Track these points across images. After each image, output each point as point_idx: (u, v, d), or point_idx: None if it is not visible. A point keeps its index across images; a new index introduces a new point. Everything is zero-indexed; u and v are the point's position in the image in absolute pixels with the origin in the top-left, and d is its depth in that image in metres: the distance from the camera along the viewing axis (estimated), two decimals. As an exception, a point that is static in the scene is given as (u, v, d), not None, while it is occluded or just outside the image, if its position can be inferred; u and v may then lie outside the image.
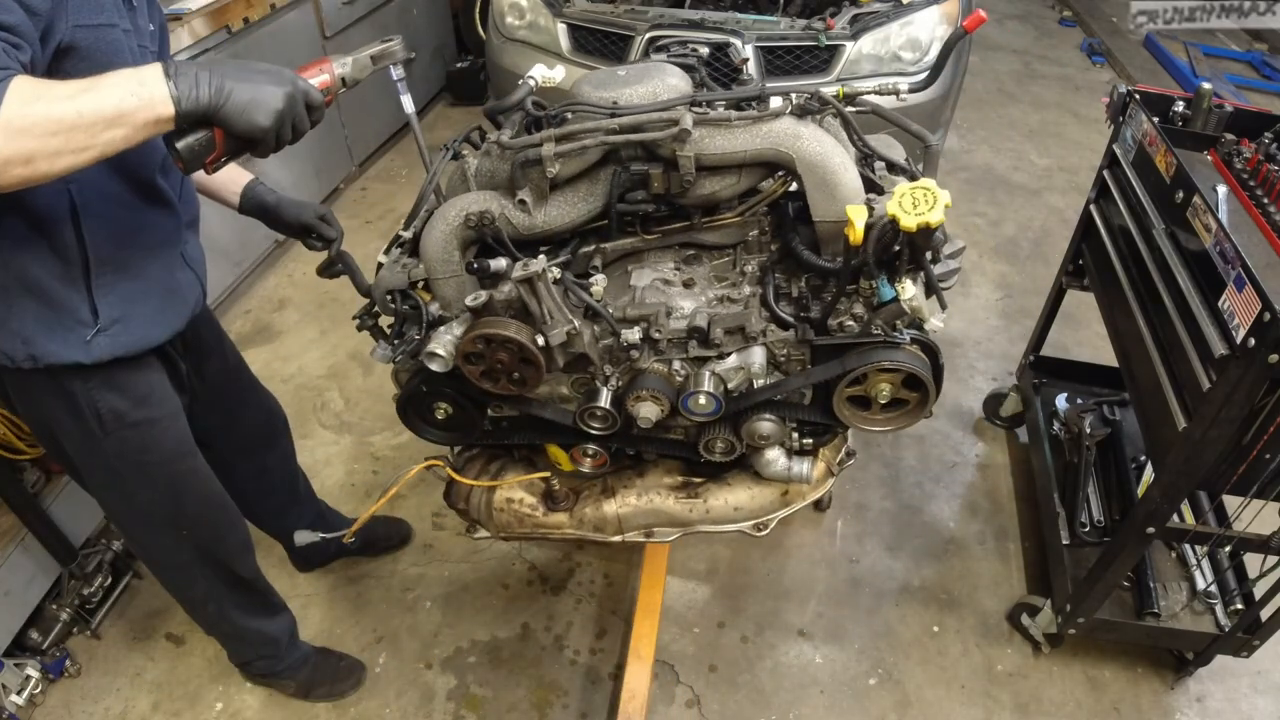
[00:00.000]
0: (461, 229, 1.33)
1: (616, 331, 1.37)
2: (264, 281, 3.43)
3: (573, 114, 1.34)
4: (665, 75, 1.36)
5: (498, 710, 1.99)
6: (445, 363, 1.36)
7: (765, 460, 1.58)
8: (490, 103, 1.51)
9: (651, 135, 1.25)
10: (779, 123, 1.29)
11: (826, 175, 1.29)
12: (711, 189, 1.34)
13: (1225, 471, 1.53)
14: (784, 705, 2.01)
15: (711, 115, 1.28)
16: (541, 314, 1.30)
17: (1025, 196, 4.06)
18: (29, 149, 0.89)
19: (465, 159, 1.43)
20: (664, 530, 1.70)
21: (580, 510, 1.70)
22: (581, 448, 1.65)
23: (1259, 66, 5.55)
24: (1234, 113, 1.89)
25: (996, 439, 2.74)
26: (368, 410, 2.81)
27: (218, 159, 1.07)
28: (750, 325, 1.38)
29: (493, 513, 1.72)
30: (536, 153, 1.26)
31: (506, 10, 3.33)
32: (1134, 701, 2.03)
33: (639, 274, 1.46)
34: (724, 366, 1.42)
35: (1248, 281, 1.35)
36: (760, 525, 1.69)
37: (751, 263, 1.46)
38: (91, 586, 2.09)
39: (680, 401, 1.41)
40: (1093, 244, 2.16)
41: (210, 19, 2.85)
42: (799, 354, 1.43)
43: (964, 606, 2.23)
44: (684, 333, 1.39)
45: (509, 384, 1.39)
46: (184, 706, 2.00)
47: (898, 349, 1.34)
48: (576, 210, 1.36)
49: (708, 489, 1.67)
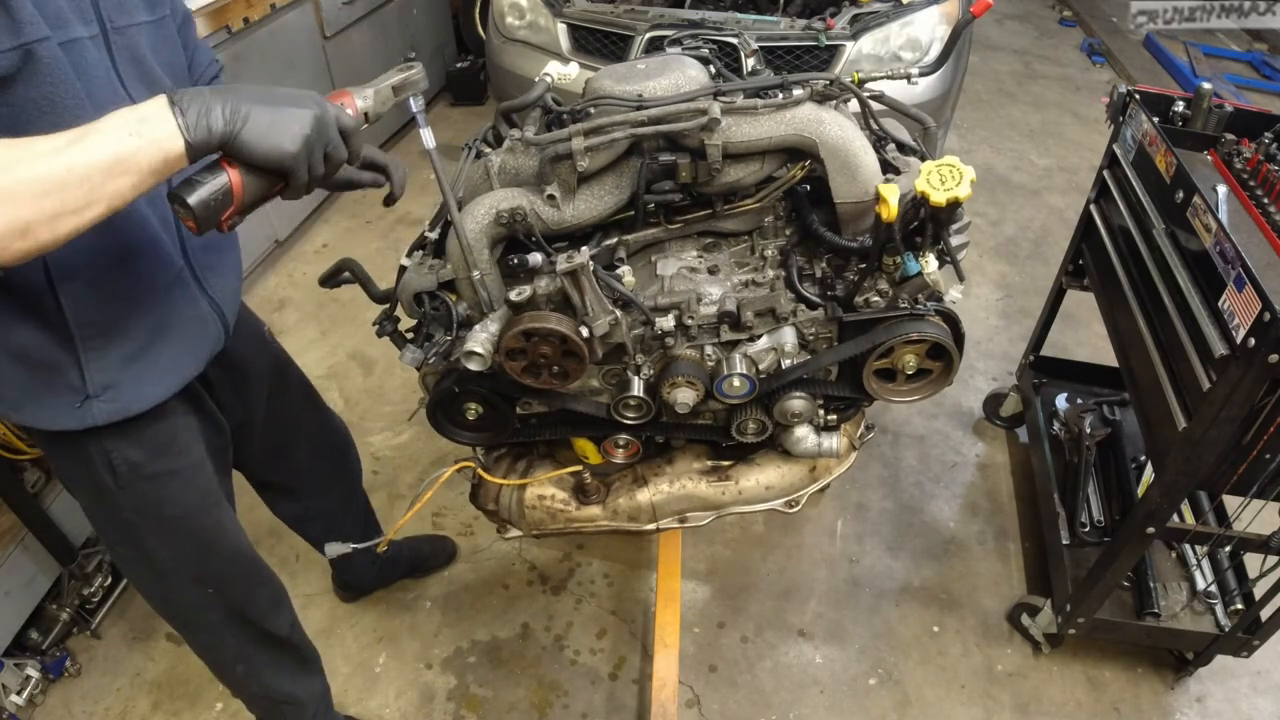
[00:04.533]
0: (492, 226, 1.32)
1: (650, 320, 1.39)
2: (264, 281, 3.43)
3: (596, 108, 1.33)
4: (685, 67, 1.38)
5: (498, 710, 1.99)
6: (485, 361, 1.34)
7: (795, 438, 1.61)
8: (506, 101, 1.51)
9: (681, 125, 1.26)
10: (802, 109, 1.32)
11: (849, 158, 1.32)
12: (736, 176, 1.36)
13: (1225, 471, 1.53)
14: (784, 705, 2.01)
15: (738, 103, 1.30)
16: (584, 306, 1.31)
17: (1025, 196, 4.06)
18: (21, 218, 0.78)
19: (488, 156, 1.42)
20: (697, 515, 1.73)
21: (614, 502, 1.70)
22: (613, 439, 1.66)
23: (1259, 66, 5.55)
24: (1234, 113, 1.89)
25: (996, 439, 2.74)
26: (368, 410, 2.81)
27: (235, 212, 0.91)
28: (780, 306, 1.42)
29: (524, 511, 1.72)
30: (566, 147, 1.26)
31: (506, 10, 3.33)
32: (1134, 701, 2.03)
33: (664, 263, 1.48)
34: (755, 349, 1.45)
35: (1248, 281, 1.35)
36: (792, 502, 1.73)
37: (770, 247, 1.49)
38: (91, 586, 2.10)
39: (715, 385, 1.44)
40: (1093, 244, 2.16)
41: (210, 19, 2.85)
42: (826, 332, 1.48)
43: (964, 606, 2.23)
44: (715, 318, 1.42)
45: (550, 378, 1.40)
46: (184, 706, 2.00)
47: (923, 320, 1.39)
48: (604, 203, 1.37)
49: (738, 470, 1.70)
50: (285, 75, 3.38)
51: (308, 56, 3.54)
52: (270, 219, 3.42)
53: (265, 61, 3.22)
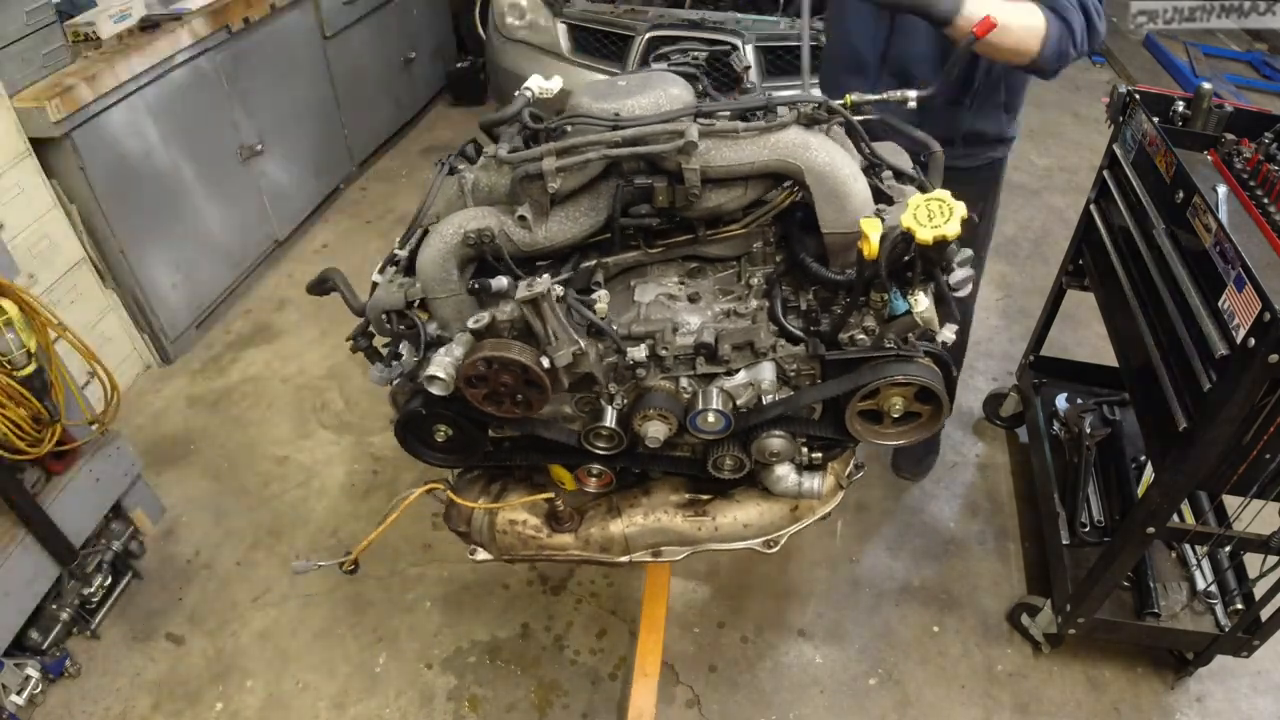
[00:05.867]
0: (460, 247, 1.29)
1: (622, 350, 1.34)
2: (264, 281, 3.43)
3: (572, 126, 1.31)
4: (667, 85, 1.34)
5: (498, 710, 1.99)
6: (446, 385, 1.31)
7: (775, 477, 1.54)
8: (485, 115, 1.48)
9: (656, 148, 1.22)
10: (787, 133, 1.27)
11: (836, 186, 1.26)
12: (717, 201, 1.32)
13: (1225, 471, 1.53)
14: (784, 705, 2.01)
15: (717, 126, 1.25)
16: (546, 335, 1.27)
17: (1025, 196, 4.06)
18: None
19: (462, 174, 1.39)
20: (672, 549, 1.66)
21: (586, 531, 1.65)
22: (586, 468, 1.61)
23: (1259, 66, 5.55)
24: (1234, 113, 1.89)
25: (996, 439, 2.74)
26: (368, 410, 2.81)
27: None
28: (759, 340, 1.35)
29: (495, 535, 1.67)
30: (537, 167, 1.23)
31: (506, 10, 3.33)
32: (1134, 701, 2.03)
33: (642, 289, 1.43)
34: (732, 383, 1.38)
35: (1248, 281, 1.35)
36: (770, 542, 1.65)
37: (757, 275, 1.43)
38: (91, 586, 2.10)
39: (689, 419, 1.38)
40: (1093, 244, 2.16)
41: (210, 19, 2.85)
42: (809, 369, 1.40)
43: (964, 606, 2.23)
44: (691, 349, 1.36)
45: (513, 407, 1.35)
46: (184, 706, 2.00)
47: (911, 362, 1.30)
48: (578, 225, 1.33)
49: (716, 506, 1.63)
50: (285, 75, 3.38)
51: (308, 56, 3.55)
52: (270, 219, 3.42)
53: (265, 61, 3.23)
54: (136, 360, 2.91)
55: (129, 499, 2.27)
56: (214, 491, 2.53)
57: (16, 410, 1.77)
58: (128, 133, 2.62)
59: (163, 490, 2.48)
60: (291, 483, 2.55)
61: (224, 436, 2.71)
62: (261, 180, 3.31)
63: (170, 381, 2.92)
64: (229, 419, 2.78)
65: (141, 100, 2.64)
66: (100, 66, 2.46)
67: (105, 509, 2.16)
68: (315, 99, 3.65)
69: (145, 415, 2.78)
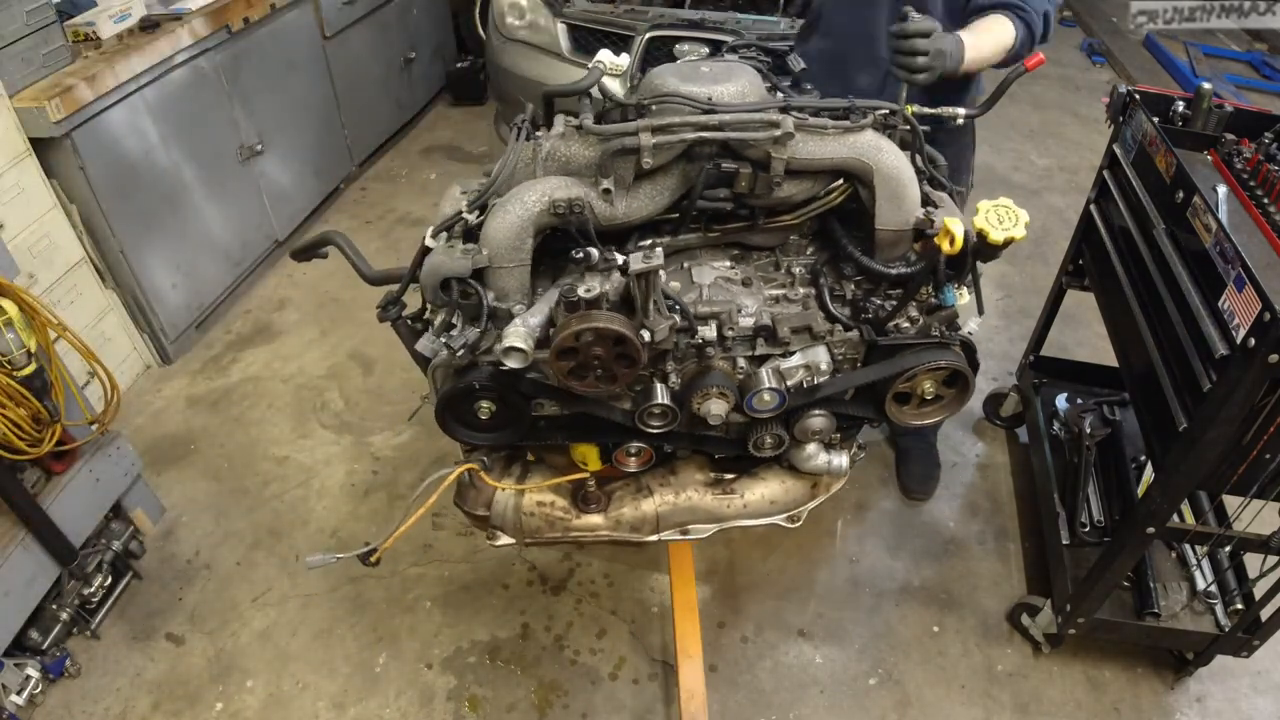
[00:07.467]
0: (544, 215, 1.27)
1: (694, 329, 1.37)
2: (264, 281, 3.43)
3: (659, 106, 1.30)
4: (749, 75, 1.37)
5: (498, 710, 1.99)
6: (525, 357, 1.24)
7: (806, 454, 1.61)
8: (548, 86, 1.47)
9: (753, 135, 1.25)
10: (865, 134, 1.33)
11: (898, 187, 1.34)
12: (790, 192, 1.36)
13: (1225, 471, 1.53)
14: (784, 705, 2.01)
15: (810, 121, 1.31)
16: (646, 309, 1.26)
17: (1025, 196, 4.05)
18: None
19: (539, 139, 1.36)
20: (700, 527, 1.70)
21: (617, 511, 1.66)
22: (625, 447, 1.62)
23: (1259, 66, 5.55)
24: (1234, 113, 1.89)
25: (996, 439, 2.74)
26: (368, 410, 2.81)
27: None
28: (816, 325, 1.42)
29: (521, 518, 1.65)
30: (634, 141, 1.22)
31: (506, 10, 3.33)
32: (1134, 701, 2.03)
33: (699, 271, 1.46)
34: (787, 364, 1.45)
35: (1248, 281, 1.35)
36: (793, 518, 1.74)
37: (796, 264, 1.49)
38: (91, 586, 2.09)
39: (746, 399, 1.43)
40: (1093, 244, 2.16)
41: (210, 19, 2.85)
42: (854, 353, 1.49)
43: (964, 606, 2.24)
44: (751, 330, 1.41)
45: (596, 381, 1.32)
46: (184, 706, 2.00)
47: (949, 349, 1.42)
48: (655, 203, 1.34)
49: (742, 484, 1.69)
50: (285, 75, 3.38)
51: (308, 56, 3.54)
52: (270, 219, 3.42)
53: (265, 61, 3.23)
54: (136, 360, 2.91)
55: (129, 499, 2.27)
56: (214, 491, 2.53)
57: (16, 410, 1.77)
58: (128, 133, 2.62)
59: (163, 490, 2.48)
60: (291, 483, 2.55)
61: (224, 436, 2.71)
62: (261, 180, 3.31)
63: (170, 381, 2.92)
64: (229, 419, 2.78)
65: (141, 100, 2.64)
66: (100, 66, 2.46)
67: (105, 509, 2.15)
68: (315, 99, 3.64)
69: (145, 415, 2.78)
